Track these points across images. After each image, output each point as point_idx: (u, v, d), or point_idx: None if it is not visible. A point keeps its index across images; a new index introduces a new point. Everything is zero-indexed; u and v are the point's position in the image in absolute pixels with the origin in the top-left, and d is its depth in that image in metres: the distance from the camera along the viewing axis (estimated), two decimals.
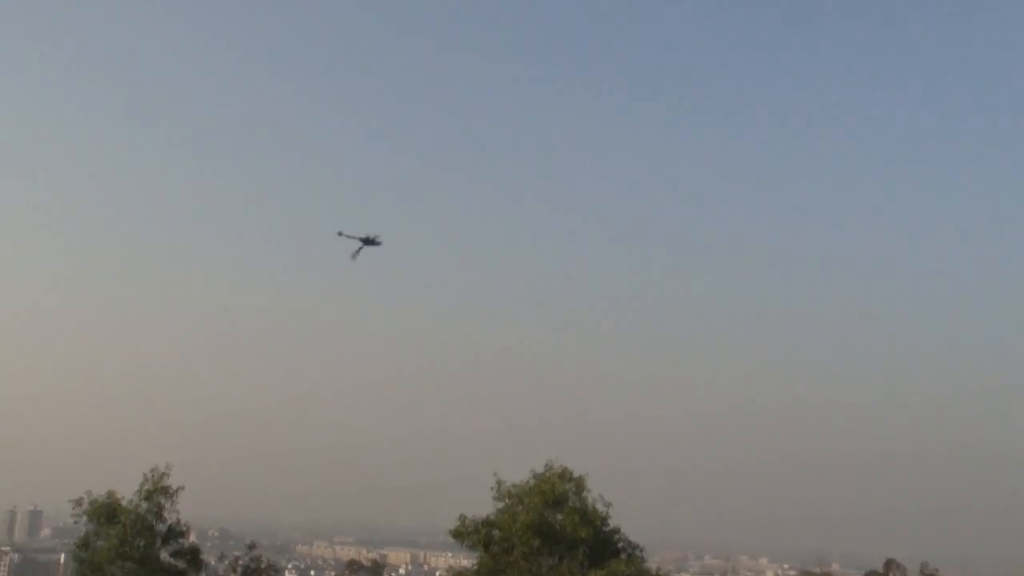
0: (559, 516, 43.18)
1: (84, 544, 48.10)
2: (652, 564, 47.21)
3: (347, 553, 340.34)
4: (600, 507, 43.56)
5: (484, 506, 44.65)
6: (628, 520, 45.32)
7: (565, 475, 44.21)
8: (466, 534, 43.92)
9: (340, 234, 52.78)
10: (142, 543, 47.61)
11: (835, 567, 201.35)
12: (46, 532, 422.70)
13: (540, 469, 44.57)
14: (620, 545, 43.82)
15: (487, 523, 43.65)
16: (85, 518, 47.62)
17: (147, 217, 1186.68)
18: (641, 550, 44.78)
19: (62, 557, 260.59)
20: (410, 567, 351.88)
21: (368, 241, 53.33)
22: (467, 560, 60.13)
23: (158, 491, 48.54)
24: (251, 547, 69.27)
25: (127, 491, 48.46)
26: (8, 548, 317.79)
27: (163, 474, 48.75)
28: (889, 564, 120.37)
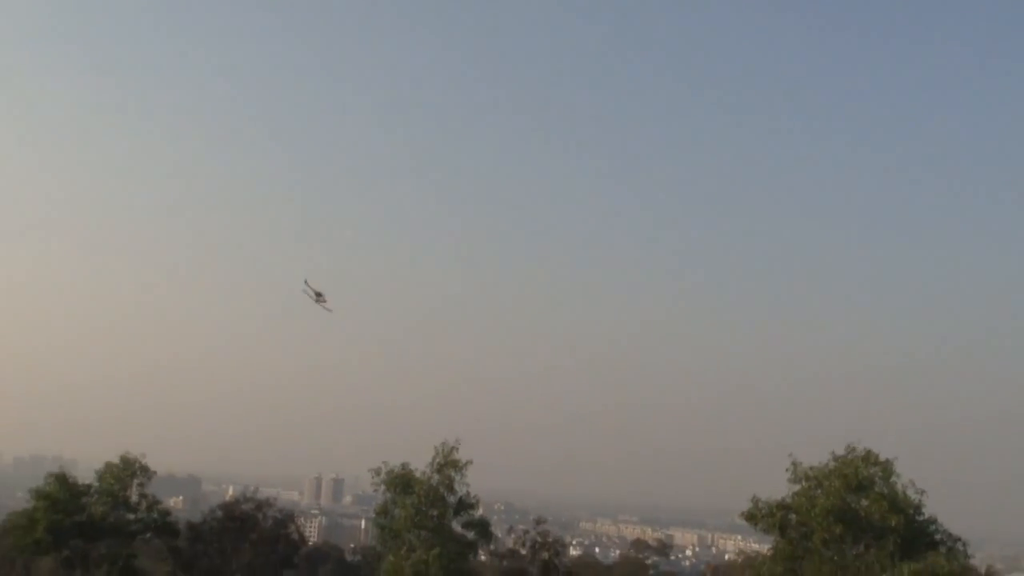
0: (864, 502, 40.72)
1: (383, 512, 50.88)
2: (978, 561, 43.44)
3: (631, 532, 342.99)
4: (912, 494, 40.59)
5: (776, 489, 42.92)
6: (946, 511, 41.95)
7: (870, 458, 41.61)
8: (760, 517, 42.35)
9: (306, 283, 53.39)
10: (435, 513, 49.49)
11: None
12: (347, 499, 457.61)
13: (840, 451, 42.31)
14: (937, 537, 40.60)
15: (782, 506, 41.87)
16: (383, 487, 50.25)
17: None
18: (964, 544, 41.20)
19: (362, 523, 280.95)
20: (697, 549, 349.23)
21: (319, 297, 53.69)
22: (759, 544, 58.44)
23: (448, 464, 50.23)
24: (539, 522, 70.36)
25: (419, 463, 50.65)
26: (317, 512, 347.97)
27: (452, 448, 50.44)
28: None
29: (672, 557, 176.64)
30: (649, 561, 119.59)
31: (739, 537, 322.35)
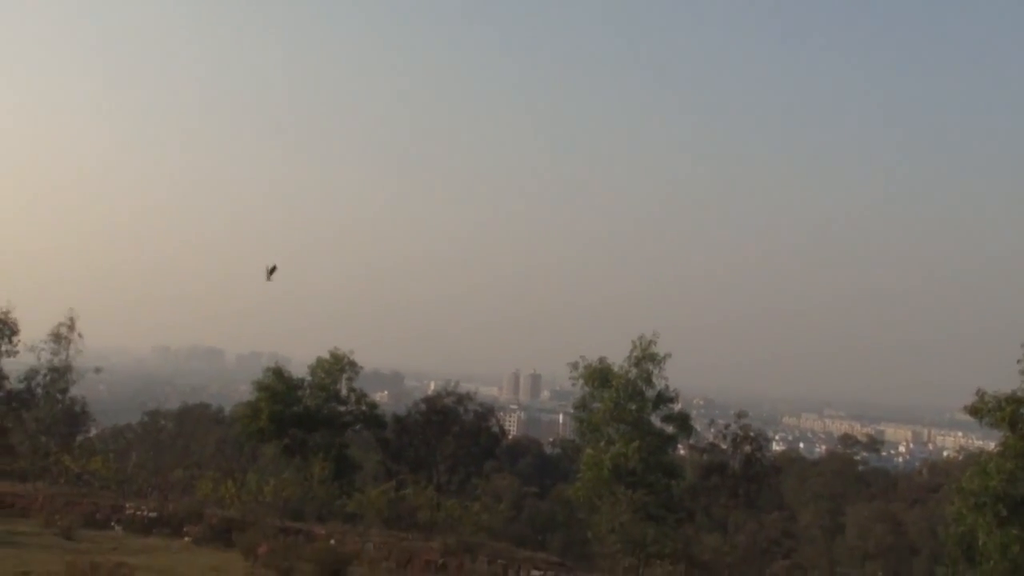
0: None
1: (581, 405, 51.51)
2: None
3: (838, 427, 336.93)
4: None
5: (1005, 382, 40.44)
6: None
7: None
8: (987, 411, 40.05)
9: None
10: (634, 407, 49.67)
11: None
12: (545, 394, 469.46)
13: None
14: None
15: (1014, 399, 39.37)
16: (580, 381, 50.85)
17: None
18: None
19: (560, 417, 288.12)
20: (911, 445, 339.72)
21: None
22: (983, 440, 55.89)
23: (646, 358, 50.14)
24: (740, 416, 69.39)
25: (617, 358, 50.88)
26: (515, 407, 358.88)
27: (651, 342, 50.28)
28: None
29: (884, 453, 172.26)
30: (858, 457, 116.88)
31: (959, 434, 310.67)
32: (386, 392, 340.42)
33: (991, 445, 43.91)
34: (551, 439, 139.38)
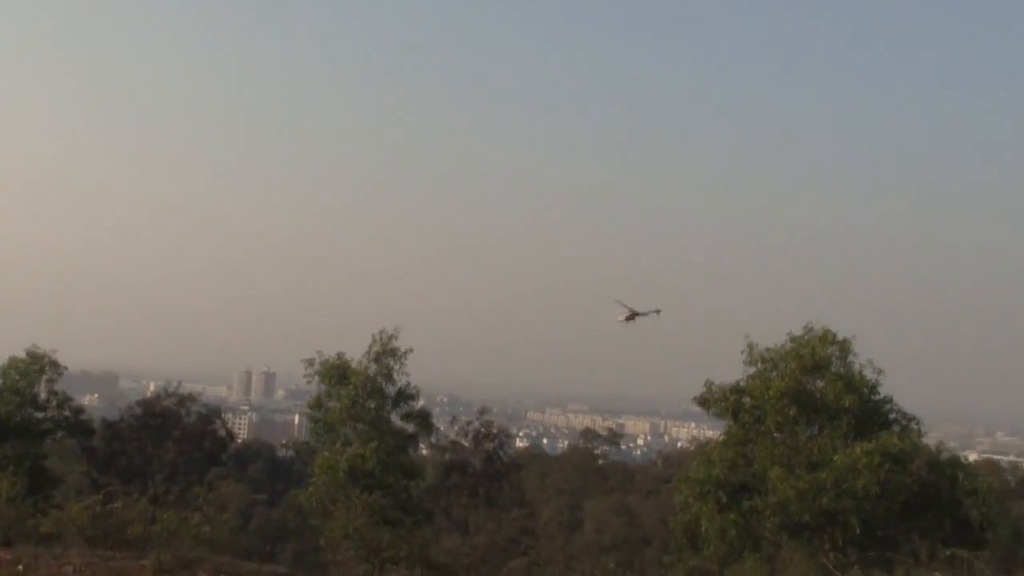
0: (819, 383, 41.86)
1: (317, 405, 51.21)
2: (931, 439, 45.13)
3: (581, 421, 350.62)
4: (868, 374, 41.93)
5: (731, 374, 44.01)
6: (904, 390, 43.59)
7: (827, 338, 42.64)
8: (713, 401, 43.41)
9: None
10: (373, 405, 49.90)
11: None
12: (280, 393, 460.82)
13: (798, 332, 43.37)
14: (892, 416, 42.00)
15: (736, 390, 42.91)
16: (317, 379, 50.56)
17: None
18: (918, 422, 42.78)
19: (296, 418, 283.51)
20: (649, 437, 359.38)
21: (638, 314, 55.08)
22: (712, 430, 60.46)
23: (387, 353, 50.45)
24: (482, 412, 71.31)
25: (357, 353, 50.88)
26: (247, 407, 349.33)
27: (391, 336, 50.66)
28: None
29: (623, 446, 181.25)
30: (598, 451, 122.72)
31: (692, 424, 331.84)
32: (96, 395, 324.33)
33: (719, 435, 47.57)
34: (284, 441, 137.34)
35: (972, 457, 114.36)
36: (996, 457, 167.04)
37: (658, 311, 55.43)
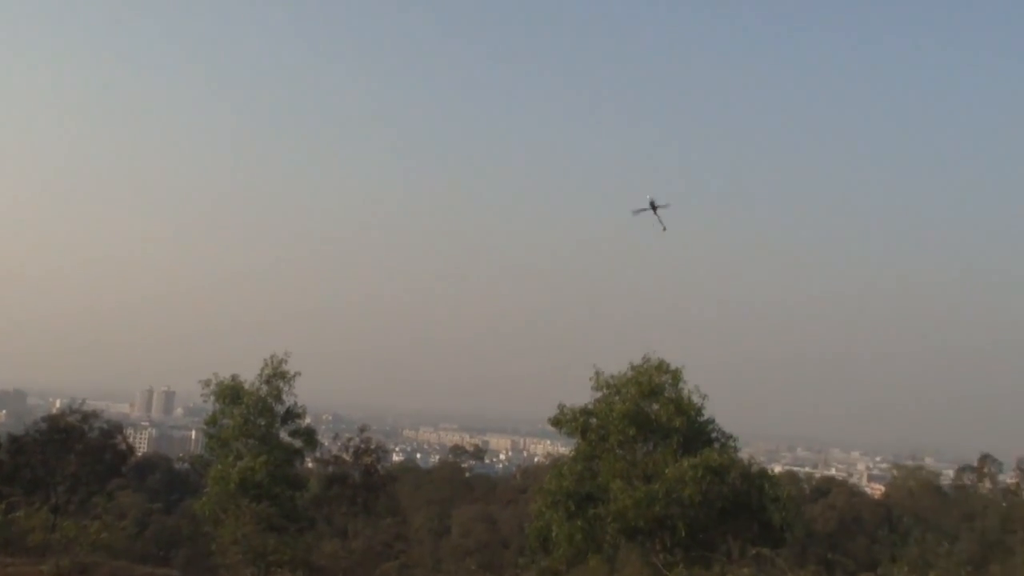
0: (655, 406, 42.76)
1: (212, 422, 49.99)
2: (744, 454, 46.60)
3: (451, 438, 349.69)
4: (695, 398, 43.12)
5: (582, 396, 44.72)
6: (723, 412, 44.90)
7: (662, 367, 43.75)
8: (564, 422, 43.94)
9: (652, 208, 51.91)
10: (263, 422, 49.02)
11: (928, 461, 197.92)
12: (179, 411, 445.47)
13: (638, 361, 44.30)
14: (713, 435, 43.26)
15: (585, 412, 43.58)
16: (212, 398, 49.39)
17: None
18: (734, 440, 44.18)
19: (193, 433, 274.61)
20: (510, 452, 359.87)
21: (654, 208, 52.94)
22: (564, 447, 61.00)
23: (277, 376, 49.70)
24: (362, 430, 70.48)
25: (251, 375, 49.96)
26: (147, 424, 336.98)
27: (282, 360, 49.95)
28: (984, 459, 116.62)
29: (487, 461, 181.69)
30: (465, 465, 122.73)
31: (548, 442, 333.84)
32: (4, 411, 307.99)
33: (569, 451, 48.09)
34: (181, 455, 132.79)
35: (777, 469, 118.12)
36: (795, 469, 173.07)
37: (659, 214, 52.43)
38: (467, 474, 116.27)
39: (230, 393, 49.07)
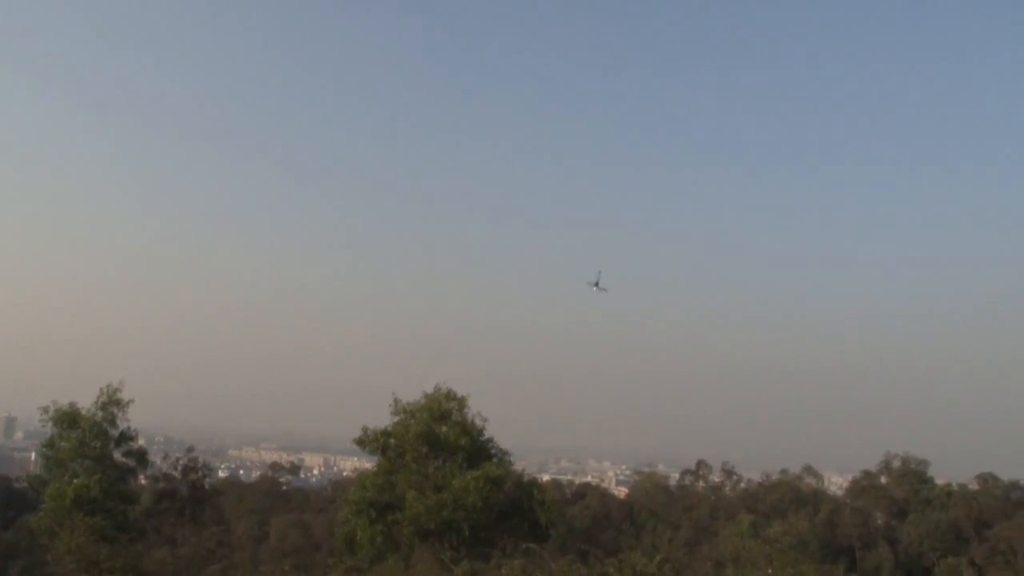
0: (444, 428, 43.63)
1: (50, 444, 46.86)
2: (518, 467, 48.26)
3: (270, 456, 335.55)
4: (477, 421, 44.31)
5: (384, 419, 44.91)
6: (501, 430, 46.23)
7: (450, 395, 44.75)
8: (368, 442, 44.02)
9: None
10: (98, 444, 46.62)
11: (660, 467, 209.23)
12: (19, 435, 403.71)
13: (430, 390, 45.03)
14: (492, 451, 44.54)
15: (385, 433, 43.83)
16: (51, 423, 46.26)
17: None
18: (509, 455, 45.69)
19: (32, 455, 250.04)
20: (323, 468, 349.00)
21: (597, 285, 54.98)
22: (369, 463, 60.69)
23: (112, 403, 47.50)
24: (189, 450, 68.41)
25: (88, 399, 47.37)
26: None
27: (116, 389, 47.75)
28: (699, 464, 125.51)
29: (302, 475, 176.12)
30: (283, 479, 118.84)
31: (356, 458, 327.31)
32: None
33: (372, 466, 48.02)
34: (20, 475, 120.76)
35: (544, 478, 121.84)
36: (559, 477, 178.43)
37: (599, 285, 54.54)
38: (284, 487, 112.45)
39: (67, 418, 46.29)
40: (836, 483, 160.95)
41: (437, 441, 42.96)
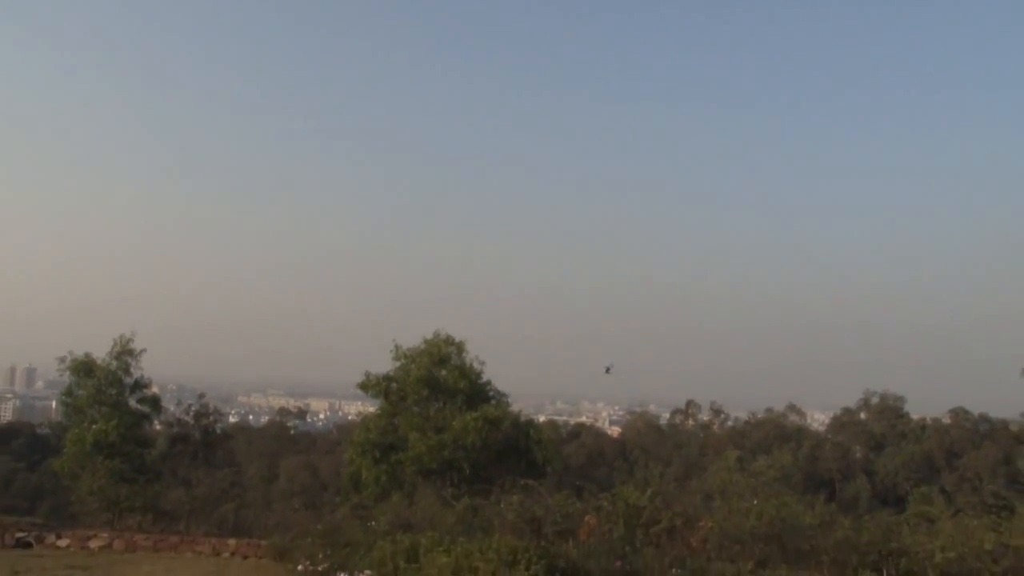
0: (443, 372, 43.78)
1: (68, 393, 47.15)
2: (515, 408, 48.54)
3: (278, 402, 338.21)
4: (476, 365, 44.53)
5: (386, 364, 45.09)
6: (498, 375, 46.60)
7: (449, 340, 44.82)
8: (370, 386, 44.05)
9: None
10: (113, 392, 46.77)
11: (651, 407, 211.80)
12: (39, 384, 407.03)
13: (430, 336, 45.18)
14: (491, 394, 44.72)
15: (387, 378, 43.88)
16: (68, 372, 46.69)
17: None
18: (507, 397, 46.02)
19: (53, 403, 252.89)
20: (328, 412, 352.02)
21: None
22: (372, 407, 61.29)
23: (125, 352, 47.73)
24: (201, 396, 68.50)
25: (103, 351, 47.70)
26: (11, 396, 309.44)
27: (129, 339, 47.94)
28: (689, 404, 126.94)
29: (309, 420, 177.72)
30: (290, 424, 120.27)
31: (360, 403, 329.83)
32: None
33: (375, 409, 48.42)
34: (43, 422, 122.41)
35: (541, 419, 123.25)
36: (555, 418, 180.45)
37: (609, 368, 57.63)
38: (292, 431, 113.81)
39: (83, 367, 46.46)
40: (818, 420, 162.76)
41: (437, 384, 43.28)
